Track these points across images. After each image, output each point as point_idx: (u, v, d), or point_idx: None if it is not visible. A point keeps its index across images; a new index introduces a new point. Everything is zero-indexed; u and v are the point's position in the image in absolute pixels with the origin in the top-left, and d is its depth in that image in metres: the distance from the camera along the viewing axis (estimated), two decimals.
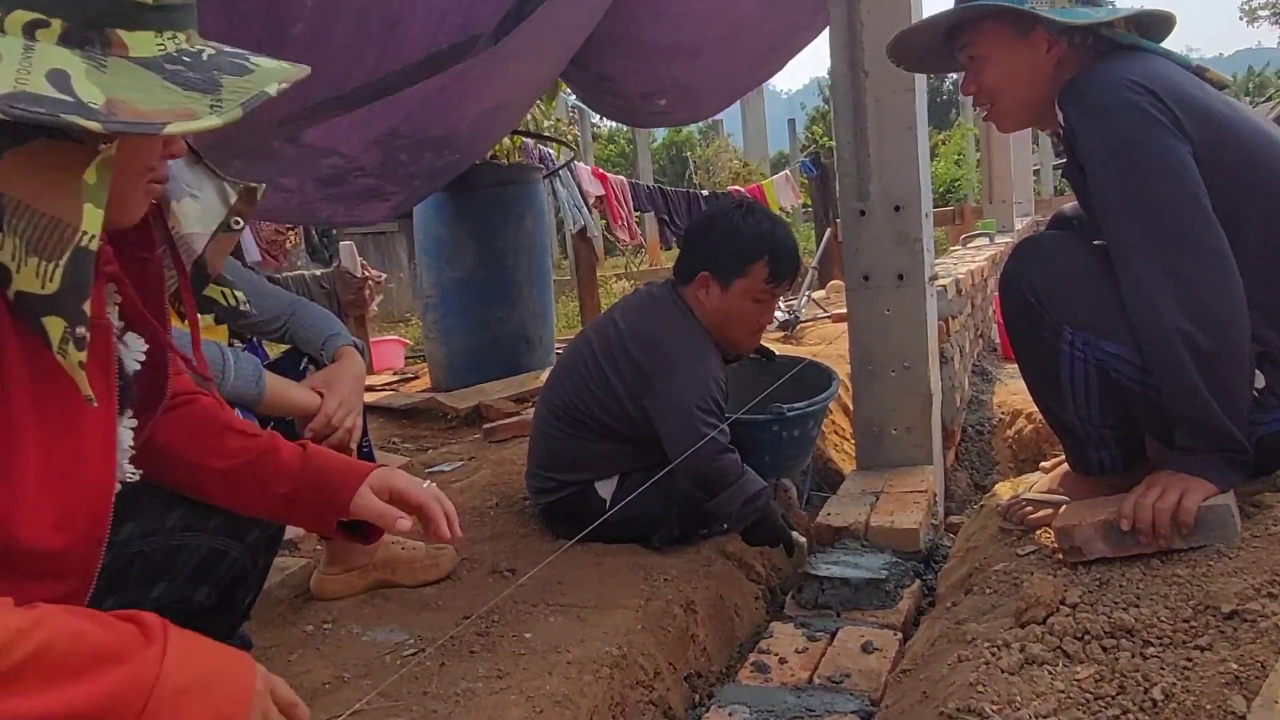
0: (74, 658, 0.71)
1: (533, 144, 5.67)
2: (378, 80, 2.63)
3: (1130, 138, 1.34)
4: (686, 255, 2.05)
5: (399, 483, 1.09)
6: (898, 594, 1.84)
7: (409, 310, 10.03)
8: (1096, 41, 1.47)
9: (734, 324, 2.00)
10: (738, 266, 1.96)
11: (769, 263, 1.96)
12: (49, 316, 0.76)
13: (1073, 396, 1.49)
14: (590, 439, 2.08)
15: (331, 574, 1.90)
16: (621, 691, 1.53)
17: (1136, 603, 1.26)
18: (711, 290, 1.98)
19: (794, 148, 16.20)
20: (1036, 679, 1.14)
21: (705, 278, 1.98)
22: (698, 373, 1.90)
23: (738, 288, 1.96)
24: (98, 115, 0.70)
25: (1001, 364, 4.07)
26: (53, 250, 0.75)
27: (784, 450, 2.12)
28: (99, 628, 0.74)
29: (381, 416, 3.62)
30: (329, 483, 1.07)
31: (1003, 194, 6.43)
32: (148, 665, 0.75)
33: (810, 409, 2.07)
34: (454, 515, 1.09)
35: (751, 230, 1.96)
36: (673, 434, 1.90)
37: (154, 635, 0.77)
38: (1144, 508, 1.34)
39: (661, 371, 1.92)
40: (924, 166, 2.36)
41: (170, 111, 0.73)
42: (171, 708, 0.75)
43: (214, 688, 0.79)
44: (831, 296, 5.78)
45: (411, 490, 1.08)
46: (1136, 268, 1.35)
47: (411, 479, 1.12)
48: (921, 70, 1.84)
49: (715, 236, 1.98)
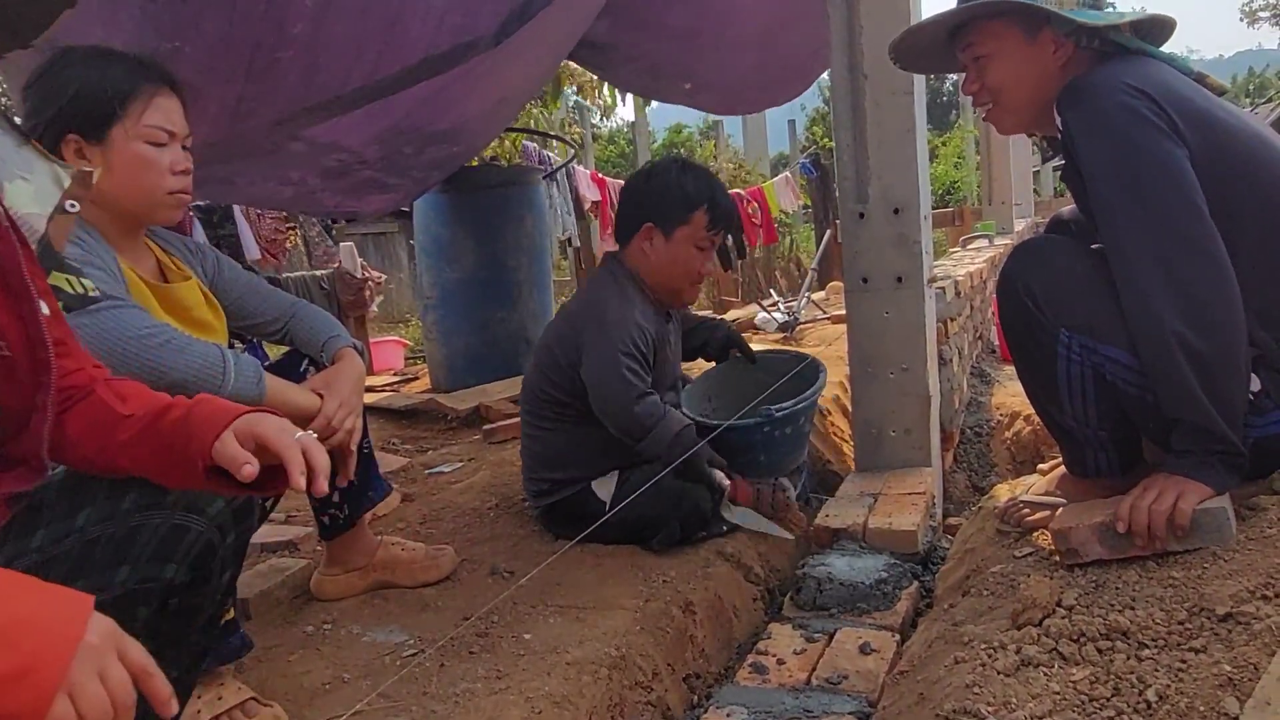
0: None
1: (534, 146, 5.69)
2: (376, 82, 2.63)
3: (1128, 142, 1.35)
4: (628, 211, 2.15)
5: (263, 429, 0.99)
6: (895, 595, 1.85)
7: (408, 311, 10.04)
8: (1102, 45, 1.47)
9: (677, 272, 2.10)
10: (681, 214, 2.07)
11: (709, 210, 2.07)
12: None
13: (1070, 399, 1.50)
14: (562, 426, 2.12)
15: (331, 575, 1.91)
16: (620, 692, 1.54)
17: (1132, 605, 1.27)
18: (656, 240, 2.08)
19: (794, 148, 16.20)
20: (1032, 680, 1.15)
21: (650, 229, 2.08)
22: (616, 321, 2.01)
23: (680, 235, 2.07)
24: None
25: (1000, 366, 4.07)
26: None
27: (778, 449, 2.13)
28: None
29: (381, 417, 3.63)
30: (194, 431, 1.00)
31: (1002, 195, 6.43)
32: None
33: (799, 406, 2.08)
34: (321, 468, 0.98)
35: (691, 182, 2.08)
36: (597, 381, 2.00)
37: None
38: (1140, 510, 1.35)
39: (588, 331, 2.04)
40: (923, 169, 2.37)
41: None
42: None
43: (24, 632, 0.68)
44: (831, 298, 5.79)
45: (272, 437, 0.98)
46: (1134, 272, 1.36)
47: (283, 425, 1.01)
48: (919, 70, 1.85)
49: (658, 188, 2.09)
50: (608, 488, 2.09)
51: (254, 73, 2.25)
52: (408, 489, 2.69)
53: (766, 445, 2.11)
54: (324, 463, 0.99)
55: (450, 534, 2.27)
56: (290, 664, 1.63)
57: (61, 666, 0.68)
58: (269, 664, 1.63)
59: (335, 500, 1.85)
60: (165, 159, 1.47)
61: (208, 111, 2.35)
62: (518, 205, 3.90)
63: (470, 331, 3.87)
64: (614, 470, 2.10)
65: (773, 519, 2.32)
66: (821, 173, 8.77)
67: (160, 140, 1.47)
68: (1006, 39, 1.53)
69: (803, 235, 11.44)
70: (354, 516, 1.87)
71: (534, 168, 4.89)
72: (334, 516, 1.86)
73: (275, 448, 0.98)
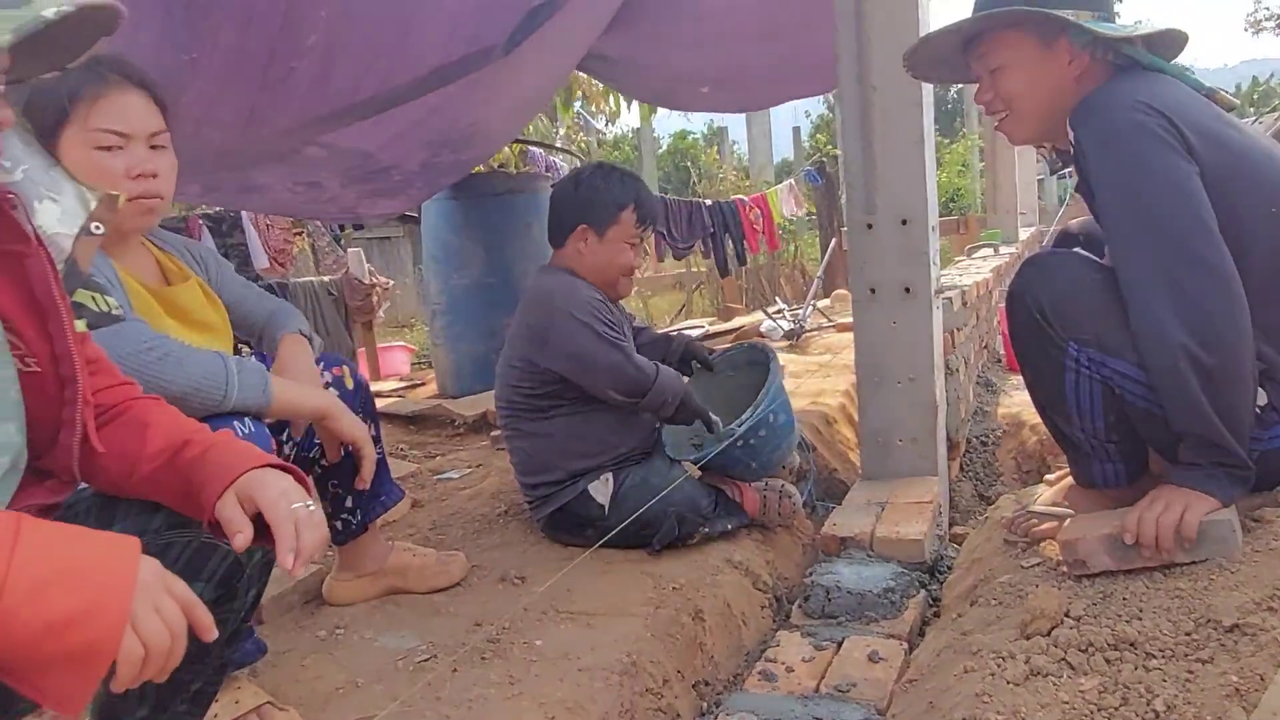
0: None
1: (541, 153, 5.71)
2: (388, 91, 2.66)
3: (1139, 159, 1.37)
4: (560, 215, 2.25)
5: (263, 497, 0.99)
6: (903, 604, 1.86)
7: (414, 316, 10.06)
8: (1117, 58, 1.49)
9: (613, 267, 2.21)
10: (611, 214, 2.18)
11: (636, 208, 2.20)
12: None
13: (1078, 412, 1.51)
14: (540, 425, 2.15)
15: (343, 580, 1.93)
16: (631, 699, 1.55)
17: (1139, 615, 1.28)
18: (590, 240, 2.19)
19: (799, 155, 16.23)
20: (1041, 690, 1.16)
21: (584, 229, 2.19)
22: (568, 298, 2.10)
23: (612, 234, 2.19)
24: None
25: (1006, 375, 4.08)
26: None
27: (763, 451, 2.14)
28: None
29: (389, 423, 3.65)
30: (205, 481, 1.02)
31: (1007, 204, 6.44)
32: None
33: (758, 414, 2.08)
34: (307, 549, 0.97)
35: (617, 185, 2.21)
36: (577, 352, 2.06)
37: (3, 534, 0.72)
38: (1147, 522, 1.36)
39: (543, 318, 2.11)
40: (931, 181, 2.38)
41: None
42: (31, 602, 0.70)
43: (86, 574, 0.74)
44: (836, 306, 5.81)
45: (268, 508, 0.98)
46: (1142, 286, 1.37)
47: (284, 492, 1.00)
48: (932, 79, 1.86)
49: (586, 193, 2.20)
50: (604, 491, 2.11)
51: (268, 82, 2.28)
52: (416, 494, 2.71)
53: (749, 454, 2.12)
54: (312, 543, 0.98)
55: (459, 540, 2.29)
56: (304, 669, 1.64)
57: (125, 603, 0.75)
58: (283, 668, 1.65)
59: (348, 505, 1.86)
60: (118, 164, 1.39)
61: (222, 120, 2.37)
62: (525, 212, 3.92)
63: (477, 338, 3.89)
64: (607, 471, 2.12)
65: (779, 526, 2.34)
66: (826, 180, 8.80)
67: (108, 144, 1.37)
68: (1022, 49, 1.54)
69: (807, 243, 11.45)
70: (366, 521, 1.89)
71: (541, 175, 4.91)
72: (346, 521, 1.87)
73: (269, 520, 0.98)
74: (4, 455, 0.95)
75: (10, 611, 0.70)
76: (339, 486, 1.84)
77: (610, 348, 2.06)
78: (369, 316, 4.79)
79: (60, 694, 0.73)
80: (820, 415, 3.16)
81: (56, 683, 0.73)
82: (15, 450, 0.96)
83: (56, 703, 0.73)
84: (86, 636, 0.73)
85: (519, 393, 2.18)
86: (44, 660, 0.72)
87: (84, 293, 1.40)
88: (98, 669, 0.74)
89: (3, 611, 0.70)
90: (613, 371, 2.06)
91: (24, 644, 0.71)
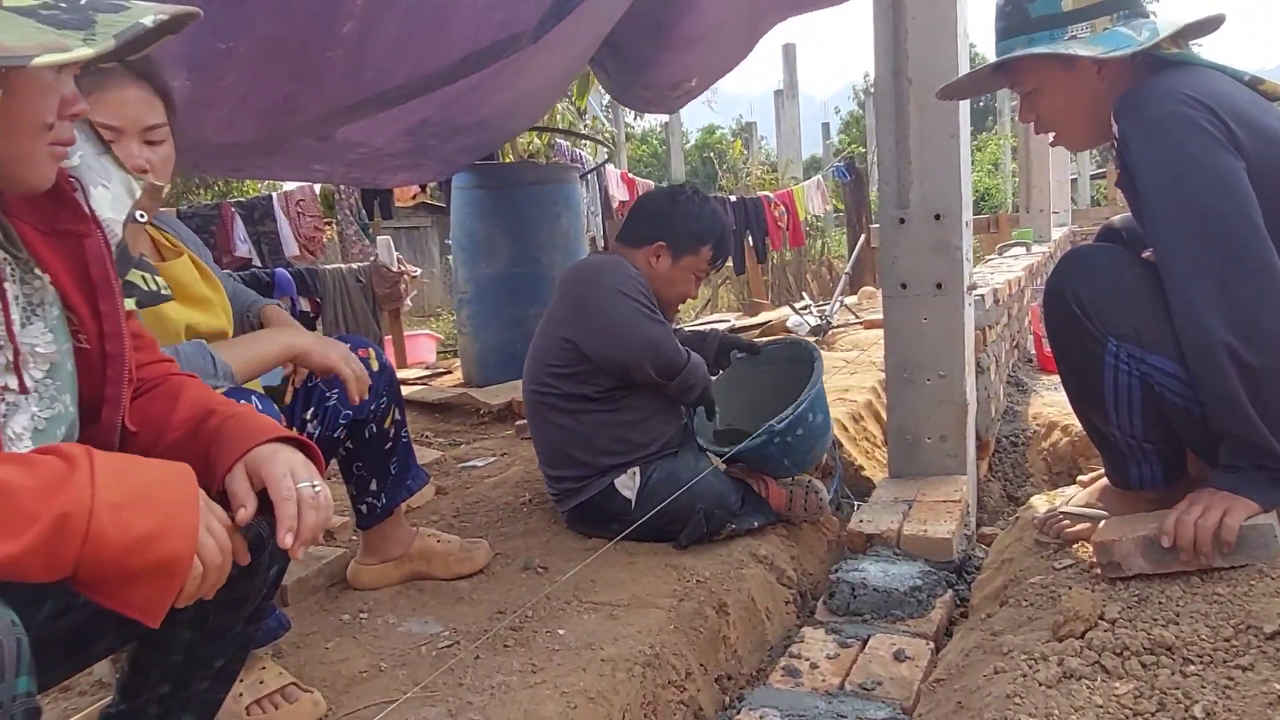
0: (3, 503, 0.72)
1: (567, 145, 5.71)
2: (420, 78, 2.66)
3: (1184, 152, 1.33)
4: (645, 223, 2.24)
5: (269, 471, 0.99)
6: (930, 603, 1.84)
7: (440, 305, 10.11)
8: (1147, 58, 1.46)
9: (671, 291, 2.24)
10: (692, 245, 2.20)
11: (715, 247, 2.23)
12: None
13: (1115, 410, 1.48)
14: (565, 414, 2.14)
15: (367, 564, 1.93)
16: (654, 690, 1.54)
17: (1176, 620, 1.25)
18: (663, 259, 2.21)
19: (827, 152, 16.13)
20: (1075, 693, 1.14)
21: (662, 247, 2.20)
22: (612, 273, 2.10)
23: (685, 263, 2.21)
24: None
25: (1037, 375, 4.03)
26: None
27: (797, 450, 2.13)
28: (21, 469, 0.75)
29: (414, 410, 3.66)
30: (221, 450, 1.02)
31: (1040, 203, 6.36)
32: (79, 490, 0.76)
33: (798, 411, 2.06)
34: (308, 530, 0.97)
35: (709, 218, 2.23)
36: (611, 326, 2.06)
37: (79, 463, 0.78)
38: (1186, 525, 1.33)
39: (592, 287, 2.12)
40: (965, 175, 2.35)
41: (40, 45, 0.75)
42: (116, 523, 0.76)
43: (156, 496, 0.81)
44: (863, 302, 5.76)
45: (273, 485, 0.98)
46: (1185, 282, 1.34)
47: (291, 469, 1.00)
48: (971, 97, 1.87)
49: (679, 215, 2.21)
50: (631, 485, 2.10)
51: (302, 71, 2.28)
52: (441, 482, 2.72)
53: (784, 451, 2.10)
54: (312, 524, 0.98)
55: (483, 528, 2.29)
56: (327, 651, 1.65)
57: (194, 520, 0.82)
58: (307, 650, 1.66)
59: (373, 489, 1.87)
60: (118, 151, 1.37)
61: (256, 108, 2.39)
62: (554, 203, 3.92)
63: (503, 327, 3.90)
64: (634, 466, 2.11)
65: (804, 521, 2.32)
66: (855, 177, 8.73)
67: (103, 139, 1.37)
68: (1046, 73, 1.54)
69: (834, 239, 11.38)
70: (391, 506, 1.89)
71: (571, 166, 4.91)
72: (371, 506, 1.88)
73: (272, 497, 0.98)
74: (61, 426, 0.96)
75: (99, 533, 0.76)
76: (364, 470, 1.84)
77: (650, 321, 2.06)
78: (396, 304, 4.81)
79: (144, 604, 0.80)
80: (847, 412, 3.13)
81: (141, 594, 0.79)
82: (70, 421, 0.98)
83: (140, 611, 0.80)
84: (164, 551, 0.79)
85: (551, 373, 2.16)
86: (128, 575, 0.78)
87: (135, 273, 1.43)
88: (177, 579, 0.81)
89: (92, 533, 0.75)
90: (651, 346, 2.05)
91: (110, 561, 0.77)
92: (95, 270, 1.01)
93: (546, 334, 2.19)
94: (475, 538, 2.06)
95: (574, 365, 2.12)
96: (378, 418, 1.79)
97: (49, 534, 0.73)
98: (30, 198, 0.94)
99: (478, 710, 1.39)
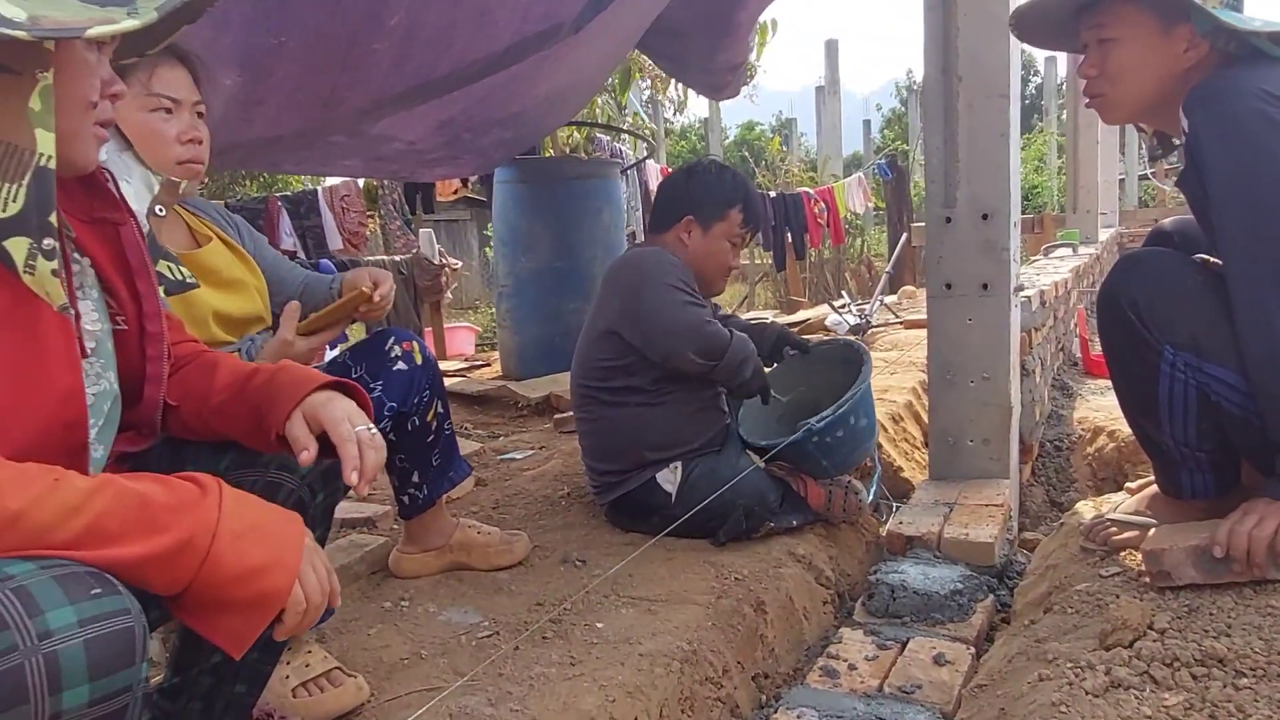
0: (141, 512, 0.77)
1: (607, 140, 5.72)
2: (461, 70, 2.68)
3: (1260, 151, 1.29)
4: (668, 204, 2.26)
5: (328, 415, 1.04)
6: (970, 608, 1.82)
7: (479, 298, 10.19)
8: (1240, 48, 1.39)
9: (712, 263, 2.23)
10: (718, 211, 2.20)
11: (743, 209, 2.22)
12: (12, 239, 0.83)
13: (1169, 417, 1.45)
14: (610, 407, 2.15)
15: (409, 553, 1.96)
16: (691, 687, 1.55)
17: (1228, 632, 1.23)
18: (694, 233, 2.21)
19: (868, 149, 15.95)
20: (1123, 703, 1.12)
21: (690, 221, 2.20)
22: (656, 264, 2.12)
23: (716, 230, 2.20)
24: (23, 26, 0.76)
25: (1083, 379, 3.95)
26: (14, 173, 0.83)
27: (838, 452, 2.10)
28: (160, 486, 0.81)
29: (454, 401, 3.68)
30: (275, 401, 1.07)
31: (1087, 203, 6.23)
32: (208, 513, 0.81)
33: (839, 412, 2.04)
34: (370, 468, 1.03)
35: (729, 182, 2.23)
36: (655, 314, 2.06)
37: (210, 489, 0.83)
38: (1239, 535, 1.30)
39: (631, 282, 2.13)
40: (1014, 174, 2.31)
41: (89, 19, 0.79)
42: (233, 549, 0.80)
43: (269, 532, 0.85)
44: (903, 302, 5.70)
45: (332, 428, 1.03)
46: (1252, 287, 1.30)
47: (348, 414, 1.05)
48: (1033, 42, 1.76)
49: (698, 186, 2.22)
50: (672, 480, 2.10)
51: (349, 64, 2.31)
52: (480, 474, 2.74)
53: (823, 452, 2.09)
54: (374, 463, 1.03)
55: (522, 520, 2.31)
56: (370, 638, 1.68)
57: (298, 560, 0.86)
58: (350, 636, 1.69)
59: (415, 480, 1.89)
60: (172, 128, 1.49)
61: (300, 104, 2.42)
62: (595, 197, 3.93)
63: (543, 321, 3.92)
64: (676, 461, 2.12)
65: (843, 522, 2.30)
66: (897, 175, 8.63)
67: (164, 107, 1.48)
68: (1140, 26, 1.45)
69: (874, 238, 11.26)
70: (433, 496, 1.91)
71: (613, 161, 4.92)
72: (413, 496, 1.90)
73: (334, 439, 1.03)
74: (106, 402, 1.00)
75: (217, 555, 0.80)
76: (406, 462, 1.86)
77: (690, 306, 2.06)
78: (437, 297, 4.86)
79: (233, 634, 0.82)
80: (886, 412, 3.10)
81: (232, 623, 0.82)
82: (114, 397, 1.02)
83: (227, 641, 0.82)
84: (266, 585, 0.83)
85: (597, 366, 2.17)
86: (229, 602, 0.81)
87: (162, 263, 1.48)
88: (269, 614, 0.83)
89: (212, 554, 0.79)
90: (692, 329, 2.04)
91: (220, 585, 0.80)
92: (132, 256, 1.05)
93: (592, 329, 2.21)
94: (514, 530, 2.08)
95: (621, 358, 2.13)
96: (421, 411, 1.81)
97: (176, 546, 0.78)
98: (67, 187, 0.98)
99: (517, 700, 1.41)
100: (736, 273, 2.52)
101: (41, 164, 0.83)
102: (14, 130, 0.82)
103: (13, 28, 0.75)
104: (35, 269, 0.84)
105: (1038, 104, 18.41)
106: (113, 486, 0.78)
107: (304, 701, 1.42)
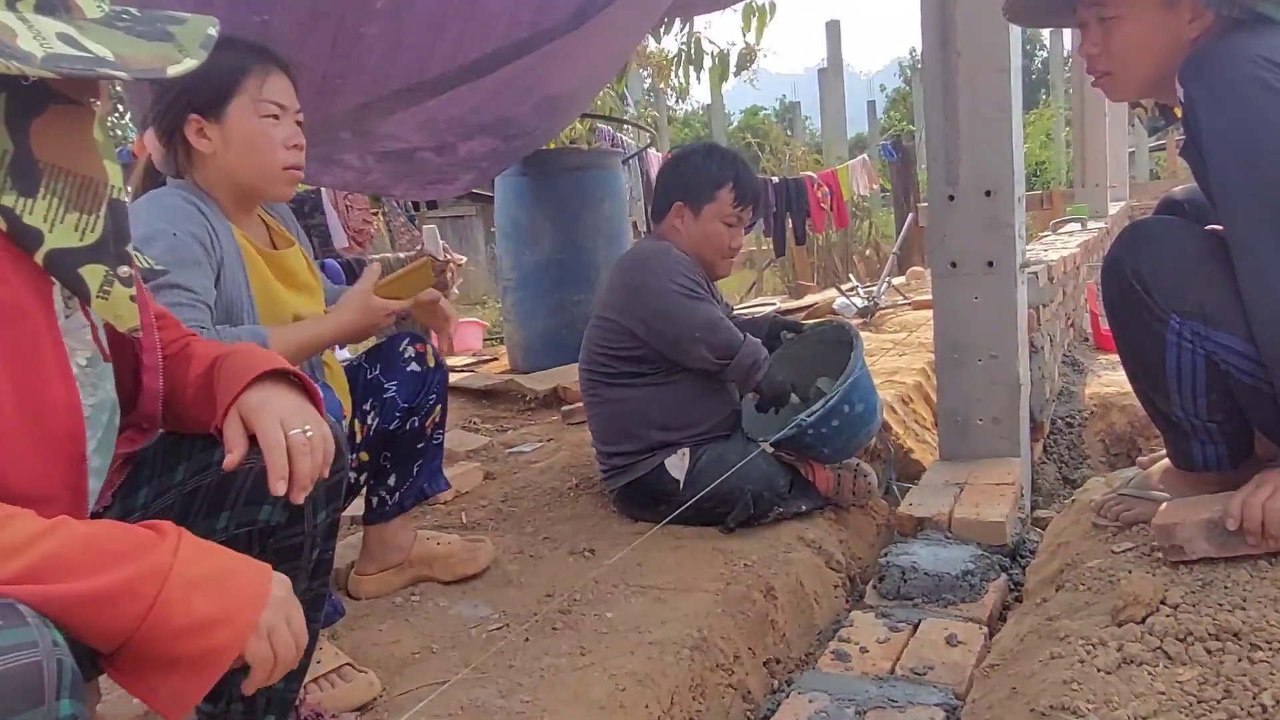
0: (89, 554, 0.74)
1: (608, 129, 5.69)
2: (458, 67, 2.66)
3: (1258, 118, 1.26)
4: (660, 194, 2.27)
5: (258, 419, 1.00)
6: (982, 588, 1.81)
7: (485, 293, 10.20)
8: (1244, 13, 1.34)
9: (709, 246, 2.22)
10: (707, 193, 2.19)
11: (734, 188, 2.19)
12: (88, 266, 0.84)
13: (1178, 388, 1.43)
14: (625, 390, 2.16)
15: (368, 574, 1.86)
16: (702, 674, 1.54)
17: (1243, 605, 1.21)
18: (686, 218, 2.21)
19: (873, 130, 15.85)
20: (1135, 679, 1.11)
21: (680, 207, 2.21)
22: (668, 260, 2.13)
23: (708, 213, 2.20)
24: (120, 67, 0.77)
25: (1094, 355, 3.92)
26: (91, 204, 0.84)
27: (837, 439, 2.07)
28: (115, 530, 0.78)
29: (461, 396, 3.70)
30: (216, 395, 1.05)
31: (1096, 177, 6.17)
32: (161, 557, 0.77)
33: (829, 406, 2.00)
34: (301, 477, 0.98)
35: (716, 163, 2.22)
36: (664, 309, 2.08)
37: (168, 535, 0.80)
38: (1253, 507, 1.28)
39: (641, 275, 2.15)
40: (1018, 150, 2.29)
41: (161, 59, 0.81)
42: (183, 598, 0.76)
43: (227, 586, 0.80)
44: (911, 283, 5.66)
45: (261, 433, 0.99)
46: (1256, 254, 1.28)
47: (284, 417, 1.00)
48: (1026, 23, 1.72)
49: (685, 170, 2.23)
50: (680, 466, 2.10)
51: (338, 48, 2.28)
52: (489, 467, 2.74)
53: (822, 441, 2.06)
54: (305, 469, 0.98)
55: (530, 512, 2.31)
56: (381, 633, 1.68)
57: (254, 618, 0.81)
58: (361, 632, 1.69)
59: (390, 484, 1.82)
60: (279, 133, 1.52)
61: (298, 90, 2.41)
62: (597, 188, 3.91)
63: (548, 314, 3.91)
64: (685, 446, 2.11)
65: (853, 505, 2.29)
66: (902, 155, 8.57)
67: (273, 114, 1.51)
68: (1141, 1, 1.41)
69: (881, 219, 11.19)
70: (403, 506, 1.83)
71: (613, 151, 4.89)
72: (383, 500, 1.82)
73: (262, 444, 0.99)
74: (104, 413, 0.99)
75: (165, 602, 0.75)
76: (387, 461, 1.80)
77: (700, 303, 2.07)
78: (443, 292, 4.85)
79: (171, 696, 0.77)
80: (895, 394, 3.08)
81: (171, 684, 0.77)
82: (112, 406, 1.01)
83: (165, 705, 0.77)
84: (214, 642, 0.78)
85: (604, 353, 2.19)
86: (170, 659, 0.76)
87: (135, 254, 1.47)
88: (213, 674, 0.78)
89: (161, 599, 0.75)
90: (704, 326, 2.05)
91: (164, 639, 0.75)
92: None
93: (598, 322, 2.22)
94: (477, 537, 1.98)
95: (627, 342, 2.15)
96: (423, 413, 1.79)
97: (122, 585, 0.74)
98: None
99: (528, 691, 1.41)
100: (744, 258, 2.50)
101: (114, 195, 0.84)
102: (87, 161, 0.84)
103: (117, 69, 0.76)
104: (110, 294, 0.85)
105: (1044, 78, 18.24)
106: (64, 529, 0.75)
107: (315, 698, 1.42)
